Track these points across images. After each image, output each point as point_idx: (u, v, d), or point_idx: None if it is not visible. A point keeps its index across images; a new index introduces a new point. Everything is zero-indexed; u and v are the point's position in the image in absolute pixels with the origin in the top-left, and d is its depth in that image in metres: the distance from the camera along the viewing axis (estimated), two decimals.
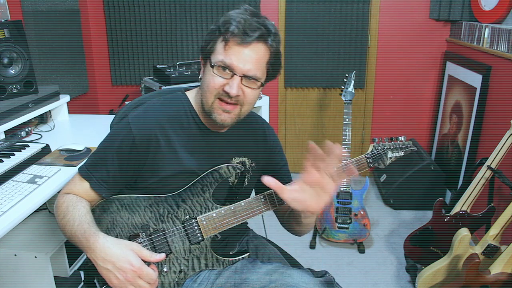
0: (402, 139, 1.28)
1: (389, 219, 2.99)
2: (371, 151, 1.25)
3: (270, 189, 1.20)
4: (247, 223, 1.45)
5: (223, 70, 1.11)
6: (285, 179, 1.32)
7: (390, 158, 1.26)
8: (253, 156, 1.31)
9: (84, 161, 1.23)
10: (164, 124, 1.18)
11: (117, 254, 1.05)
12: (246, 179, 1.29)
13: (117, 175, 1.17)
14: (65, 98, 2.34)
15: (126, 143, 1.15)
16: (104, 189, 1.17)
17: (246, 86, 1.13)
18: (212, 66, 1.12)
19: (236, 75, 1.10)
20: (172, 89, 1.35)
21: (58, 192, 1.24)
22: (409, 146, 1.27)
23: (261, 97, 1.24)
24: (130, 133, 1.15)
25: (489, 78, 2.61)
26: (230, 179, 1.27)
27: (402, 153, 1.27)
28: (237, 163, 1.26)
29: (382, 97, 3.44)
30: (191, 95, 1.25)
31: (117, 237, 1.16)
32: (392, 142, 1.27)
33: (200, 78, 1.20)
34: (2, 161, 1.61)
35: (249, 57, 1.10)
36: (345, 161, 1.22)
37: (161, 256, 1.10)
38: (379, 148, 1.25)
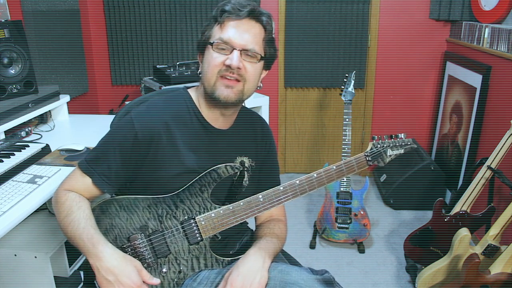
0: (402, 136, 1.27)
1: (389, 219, 2.99)
2: (371, 149, 1.24)
3: (269, 188, 1.20)
4: (247, 223, 1.45)
5: (222, 48, 1.14)
6: (274, 182, 1.35)
7: (390, 156, 1.25)
8: (254, 156, 1.32)
9: (84, 156, 1.22)
10: (167, 121, 1.18)
11: (122, 268, 1.08)
12: (247, 179, 1.28)
13: (119, 170, 1.17)
14: (65, 98, 2.34)
15: (128, 138, 1.15)
16: (106, 184, 1.17)
17: (246, 61, 1.15)
18: (211, 44, 1.15)
19: (236, 49, 1.13)
20: (174, 88, 1.35)
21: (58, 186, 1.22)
22: (409, 143, 1.26)
23: (261, 86, 1.26)
24: (132, 129, 1.15)
25: (489, 78, 2.61)
26: (233, 178, 1.27)
27: (402, 151, 1.26)
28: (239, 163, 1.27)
29: (382, 97, 3.44)
30: (192, 93, 1.26)
31: (116, 239, 1.17)
32: (392, 140, 1.26)
33: (199, 73, 1.22)
34: (2, 161, 1.61)
35: (245, 30, 1.15)
36: (344, 160, 1.22)
37: (157, 281, 1.14)
38: (379, 146, 1.24)
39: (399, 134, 1.27)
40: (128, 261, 1.11)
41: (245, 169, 1.27)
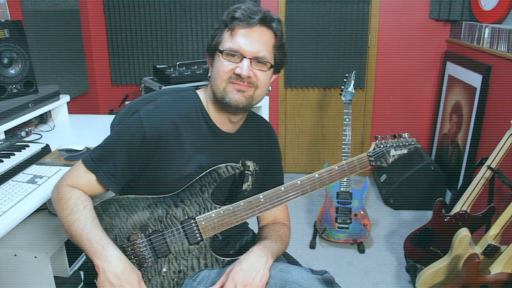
0: (406, 136, 1.25)
1: (389, 219, 2.99)
2: (373, 149, 1.23)
3: (270, 189, 1.20)
4: (248, 224, 1.45)
5: (232, 55, 1.13)
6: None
7: (393, 156, 1.24)
8: (258, 159, 1.31)
9: (89, 153, 1.21)
10: (176, 121, 1.18)
11: (128, 274, 1.09)
12: (250, 183, 1.27)
13: (125, 169, 1.16)
14: (65, 98, 2.34)
15: (136, 137, 1.15)
16: (111, 182, 1.16)
17: (256, 69, 1.15)
18: (221, 52, 1.14)
19: (246, 57, 1.12)
20: (183, 88, 1.35)
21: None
22: (412, 143, 1.25)
23: (270, 90, 1.25)
24: (141, 128, 1.15)
25: (489, 78, 2.61)
26: (234, 178, 1.26)
27: (405, 151, 1.24)
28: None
29: (382, 97, 3.44)
30: (201, 94, 1.26)
31: (116, 238, 1.16)
32: (396, 140, 1.24)
33: (209, 76, 1.21)
34: (2, 161, 1.61)
35: (256, 39, 1.13)
36: (347, 160, 1.22)
37: None
38: (382, 146, 1.23)
39: (403, 134, 1.25)
40: (133, 269, 1.11)
41: (250, 173, 1.27)
